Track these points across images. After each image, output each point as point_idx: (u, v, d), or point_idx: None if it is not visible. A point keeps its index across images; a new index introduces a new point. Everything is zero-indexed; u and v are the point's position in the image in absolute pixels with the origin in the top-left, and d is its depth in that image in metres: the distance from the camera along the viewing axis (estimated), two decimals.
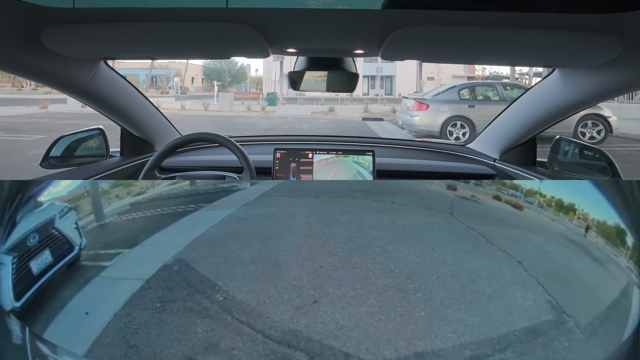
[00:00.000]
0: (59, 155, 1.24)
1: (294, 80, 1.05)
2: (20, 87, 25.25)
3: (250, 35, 0.71)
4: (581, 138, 6.91)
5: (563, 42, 0.70)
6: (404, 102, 8.30)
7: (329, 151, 1.25)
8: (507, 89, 7.77)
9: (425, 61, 0.87)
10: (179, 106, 14.71)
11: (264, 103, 15.68)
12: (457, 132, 7.30)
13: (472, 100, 7.48)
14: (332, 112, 13.40)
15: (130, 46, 0.79)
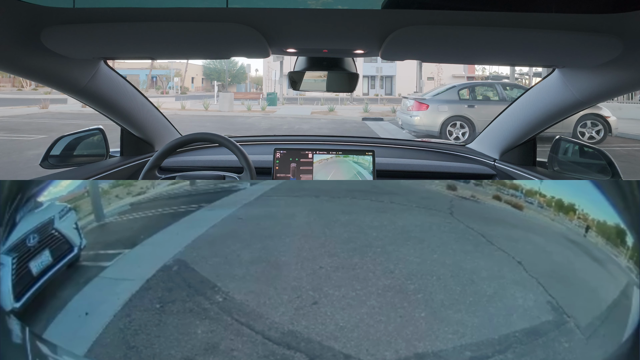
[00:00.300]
0: (59, 155, 1.24)
1: (294, 80, 1.05)
2: (21, 87, 25.25)
3: (250, 35, 0.71)
4: (580, 138, 6.92)
5: (563, 42, 0.70)
6: (404, 102, 8.34)
7: (329, 151, 1.25)
8: (507, 89, 7.81)
9: (425, 61, 0.87)
10: (179, 106, 14.73)
11: (264, 103, 15.68)
12: (457, 132, 7.32)
13: (472, 100, 7.51)
14: (332, 112, 13.42)
15: (130, 46, 0.79)
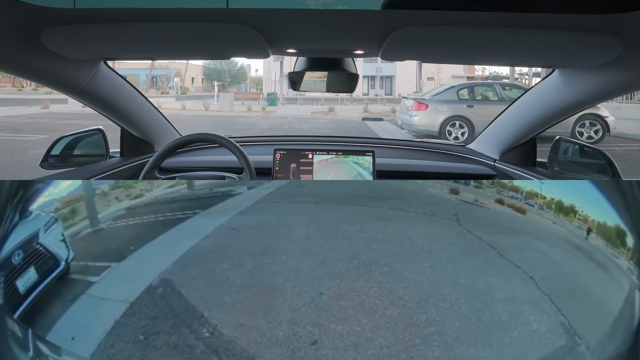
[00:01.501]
0: (59, 155, 1.24)
1: (293, 81, 1.05)
2: (21, 87, 25.22)
3: (250, 35, 0.71)
4: (579, 138, 6.96)
5: (563, 43, 0.70)
6: (403, 102, 8.42)
7: (329, 152, 1.25)
8: (506, 89, 7.89)
9: (425, 61, 0.86)
10: (179, 106, 14.81)
11: (264, 103, 15.77)
12: (456, 132, 7.37)
13: (471, 100, 7.58)
14: (332, 112, 13.51)
15: (130, 47, 0.79)
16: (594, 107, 6.87)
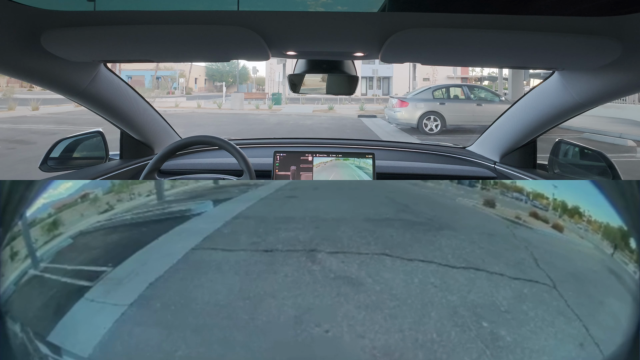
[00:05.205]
0: (58, 157, 1.24)
1: (293, 83, 1.05)
2: (30, 87, 25.12)
3: (250, 38, 0.71)
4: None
5: (562, 45, 0.70)
6: (390, 101, 10.41)
7: (329, 154, 1.25)
8: (475, 90, 10.02)
9: (424, 64, 0.86)
10: (195, 105, 16.59)
11: (270, 102, 17.29)
12: (431, 124, 9.11)
13: (443, 98, 9.46)
14: (331, 110, 15.06)
15: (130, 49, 0.79)
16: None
